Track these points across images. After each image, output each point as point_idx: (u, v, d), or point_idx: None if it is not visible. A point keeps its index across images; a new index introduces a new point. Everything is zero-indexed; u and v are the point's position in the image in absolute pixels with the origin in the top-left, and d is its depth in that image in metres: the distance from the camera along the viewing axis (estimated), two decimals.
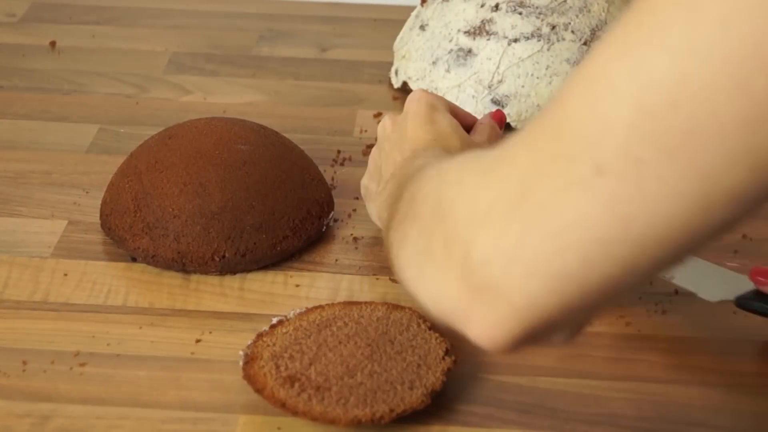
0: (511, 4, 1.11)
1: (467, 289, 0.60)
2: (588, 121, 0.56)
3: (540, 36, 1.10)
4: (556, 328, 0.61)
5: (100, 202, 0.98)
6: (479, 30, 1.12)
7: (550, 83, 1.10)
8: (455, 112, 0.94)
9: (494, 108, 1.11)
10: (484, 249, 0.59)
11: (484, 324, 0.60)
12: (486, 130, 0.94)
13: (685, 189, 0.54)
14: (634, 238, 0.56)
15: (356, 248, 0.96)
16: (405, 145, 0.89)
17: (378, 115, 1.14)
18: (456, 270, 0.60)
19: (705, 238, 0.56)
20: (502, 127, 0.98)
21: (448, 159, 0.76)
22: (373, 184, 0.94)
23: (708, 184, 0.54)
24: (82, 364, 0.84)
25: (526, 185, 0.58)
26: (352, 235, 0.98)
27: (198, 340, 0.86)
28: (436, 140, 0.88)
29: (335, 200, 0.99)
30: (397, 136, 0.91)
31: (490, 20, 1.12)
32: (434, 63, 1.14)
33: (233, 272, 0.93)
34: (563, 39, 1.10)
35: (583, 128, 0.56)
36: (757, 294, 0.84)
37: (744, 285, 0.85)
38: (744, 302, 0.84)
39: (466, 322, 0.61)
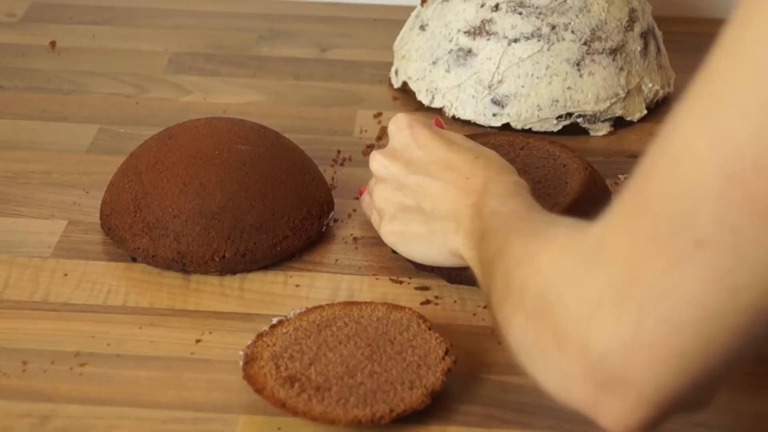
0: (511, 4, 1.11)
1: (591, 383, 0.60)
2: (679, 196, 0.57)
3: (540, 36, 1.10)
4: (687, 402, 0.61)
5: (100, 202, 0.98)
6: (479, 30, 1.12)
7: (550, 83, 1.10)
8: None
9: (495, 108, 1.11)
10: (602, 342, 0.59)
11: (616, 415, 0.60)
12: None
13: None
14: (744, 306, 0.56)
15: (356, 248, 0.96)
16: (446, 175, 0.86)
17: (378, 115, 1.14)
18: (575, 366, 0.61)
19: None
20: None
21: (526, 217, 0.75)
22: (414, 225, 0.88)
23: None
24: (82, 364, 0.84)
25: (632, 270, 0.58)
26: (352, 235, 0.98)
27: (198, 340, 0.86)
28: (477, 158, 0.86)
29: (335, 200, 0.99)
30: (421, 168, 0.87)
31: (490, 20, 1.12)
32: (434, 63, 1.14)
33: (233, 272, 0.93)
34: (563, 39, 1.10)
35: (676, 204, 0.57)
36: None
37: None
38: None
39: (597, 414, 0.61)
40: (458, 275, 0.91)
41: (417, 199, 0.88)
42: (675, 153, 0.57)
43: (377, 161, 0.90)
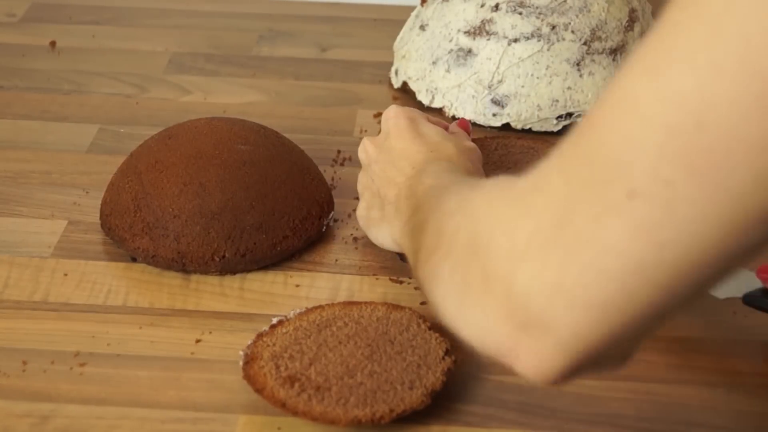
0: (511, 4, 1.11)
1: (511, 324, 0.59)
2: (618, 144, 0.56)
3: (540, 36, 1.10)
4: (604, 356, 0.60)
5: (100, 202, 0.98)
6: (479, 30, 1.12)
7: (550, 83, 1.10)
8: (430, 121, 0.94)
9: (495, 108, 1.11)
10: (526, 283, 0.58)
11: (532, 358, 0.59)
12: (459, 137, 0.94)
13: (714, 210, 0.53)
14: (670, 262, 0.55)
15: (356, 248, 0.96)
16: (400, 162, 0.88)
17: (378, 115, 1.14)
18: (498, 306, 0.60)
19: (742, 257, 0.56)
20: (470, 134, 0.98)
21: (463, 181, 0.75)
22: (374, 211, 0.92)
23: (738, 205, 0.53)
24: (82, 364, 0.84)
25: (563, 214, 0.57)
26: (352, 235, 0.98)
27: (198, 340, 0.86)
28: (432, 151, 0.88)
29: (335, 200, 0.99)
30: (386, 156, 0.90)
31: (490, 20, 1.12)
32: (434, 63, 1.14)
33: (233, 272, 0.93)
34: (563, 39, 1.10)
35: (614, 152, 0.56)
36: (764, 292, 0.84)
37: (752, 282, 0.85)
38: (751, 299, 0.85)
39: (513, 358, 0.60)
40: None
41: (378, 185, 0.90)
42: (619, 100, 0.56)
43: (362, 146, 0.94)
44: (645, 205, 0.55)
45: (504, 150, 1.05)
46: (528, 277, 0.58)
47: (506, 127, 1.11)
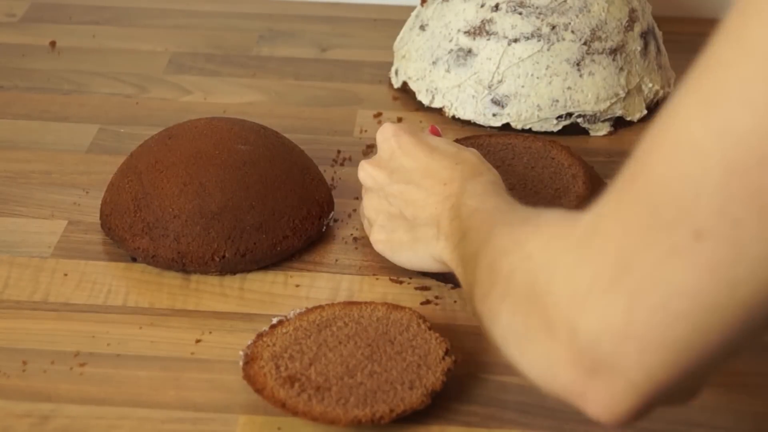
0: (511, 4, 1.11)
1: (579, 369, 0.59)
2: (678, 184, 0.55)
3: (540, 36, 1.10)
4: (674, 394, 0.61)
5: (100, 202, 0.98)
6: (479, 30, 1.12)
7: (550, 83, 1.10)
8: None
9: (495, 108, 1.11)
10: (592, 327, 0.58)
11: (603, 402, 0.60)
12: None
13: None
14: (741, 299, 0.55)
15: (356, 248, 0.96)
16: (425, 181, 0.86)
17: (378, 115, 1.14)
18: (564, 352, 0.60)
19: None
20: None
21: (509, 208, 0.75)
22: (400, 233, 0.89)
23: None
24: (82, 364, 0.84)
25: (625, 258, 0.57)
26: (352, 235, 0.98)
27: (198, 340, 0.86)
28: (457, 164, 0.87)
29: (335, 200, 0.99)
30: (401, 176, 0.88)
31: (490, 20, 1.12)
32: (434, 63, 1.14)
33: (233, 272, 0.93)
34: (563, 39, 1.10)
35: (674, 193, 0.56)
36: None
37: None
38: None
39: (583, 401, 0.60)
40: (453, 277, 0.91)
41: (400, 207, 0.88)
42: (673, 141, 0.56)
43: (364, 170, 0.91)
44: (713, 244, 0.55)
45: (507, 149, 1.04)
46: (593, 322, 0.58)
47: (506, 127, 1.11)
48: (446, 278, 0.91)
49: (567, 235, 0.62)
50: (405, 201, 0.88)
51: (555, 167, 1.00)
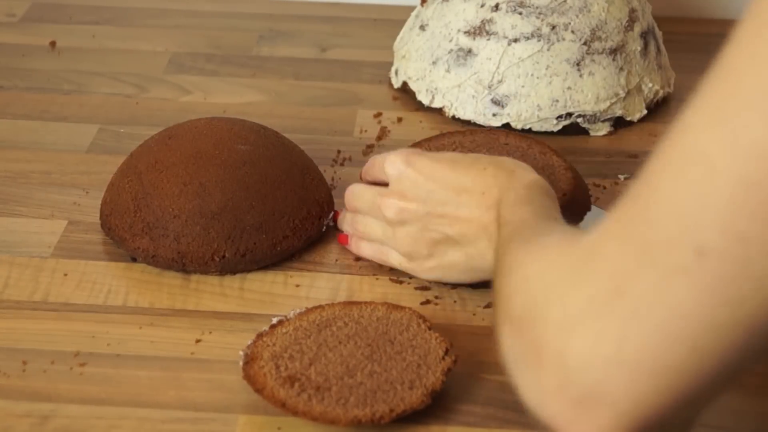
0: (511, 4, 1.11)
1: (567, 398, 0.57)
2: (683, 200, 0.54)
3: (540, 36, 1.10)
4: (667, 425, 0.58)
5: (100, 202, 0.98)
6: (479, 30, 1.12)
7: (550, 83, 1.10)
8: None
9: (495, 108, 1.11)
10: (580, 355, 0.56)
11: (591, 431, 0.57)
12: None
13: None
14: (744, 319, 0.53)
15: None
16: (459, 198, 0.84)
17: (378, 115, 1.14)
18: (551, 379, 0.58)
19: None
20: None
21: (532, 224, 0.73)
22: (450, 255, 0.87)
23: None
24: (82, 364, 0.84)
25: (621, 279, 0.55)
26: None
27: (198, 340, 0.86)
28: (484, 168, 0.85)
29: (335, 200, 0.99)
30: (436, 200, 0.86)
31: (490, 20, 1.12)
32: (434, 63, 1.14)
33: (233, 272, 0.93)
34: (563, 39, 1.10)
35: (677, 209, 0.54)
36: None
37: None
38: None
39: (572, 431, 0.58)
40: None
41: (444, 231, 0.86)
42: (682, 157, 0.54)
43: (392, 208, 0.88)
44: (716, 262, 0.53)
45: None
46: (582, 349, 0.56)
47: (506, 127, 1.11)
48: None
49: (565, 258, 0.60)
50: (449, 223, 0.86)
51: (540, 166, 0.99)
